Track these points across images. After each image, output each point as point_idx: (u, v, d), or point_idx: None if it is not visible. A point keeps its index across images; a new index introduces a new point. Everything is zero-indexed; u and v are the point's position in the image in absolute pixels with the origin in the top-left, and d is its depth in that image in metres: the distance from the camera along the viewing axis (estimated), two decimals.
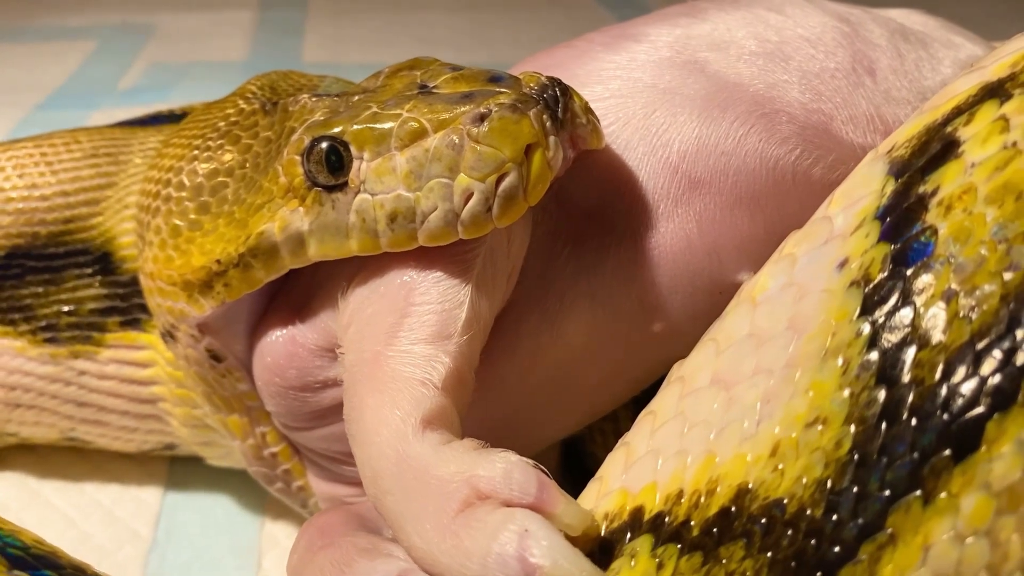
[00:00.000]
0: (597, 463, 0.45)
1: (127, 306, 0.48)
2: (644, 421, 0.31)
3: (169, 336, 0.42)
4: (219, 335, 0.40)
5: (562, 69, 0.40)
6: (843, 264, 0.27)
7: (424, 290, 0.34)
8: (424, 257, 0.34)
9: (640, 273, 0.38)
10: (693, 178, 0.38)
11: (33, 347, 0.49)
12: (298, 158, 0.35)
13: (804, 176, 0.38)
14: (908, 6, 0.47)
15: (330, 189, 0.35)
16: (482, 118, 0.32)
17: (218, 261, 0.37)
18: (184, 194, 0.39)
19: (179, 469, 0.54)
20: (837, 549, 0.24)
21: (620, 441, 0.32)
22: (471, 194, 0.32)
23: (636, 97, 0.39)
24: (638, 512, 0.29)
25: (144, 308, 0.47)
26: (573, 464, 0.48)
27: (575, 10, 1.25)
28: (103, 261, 0.49)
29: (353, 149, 0.34)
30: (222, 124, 0.40)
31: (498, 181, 0.32)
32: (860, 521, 0.24)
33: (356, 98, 0.36)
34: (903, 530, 0.23)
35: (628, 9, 1.24)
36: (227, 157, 0.38)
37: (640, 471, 0.30)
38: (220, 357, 0.41)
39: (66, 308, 0.49)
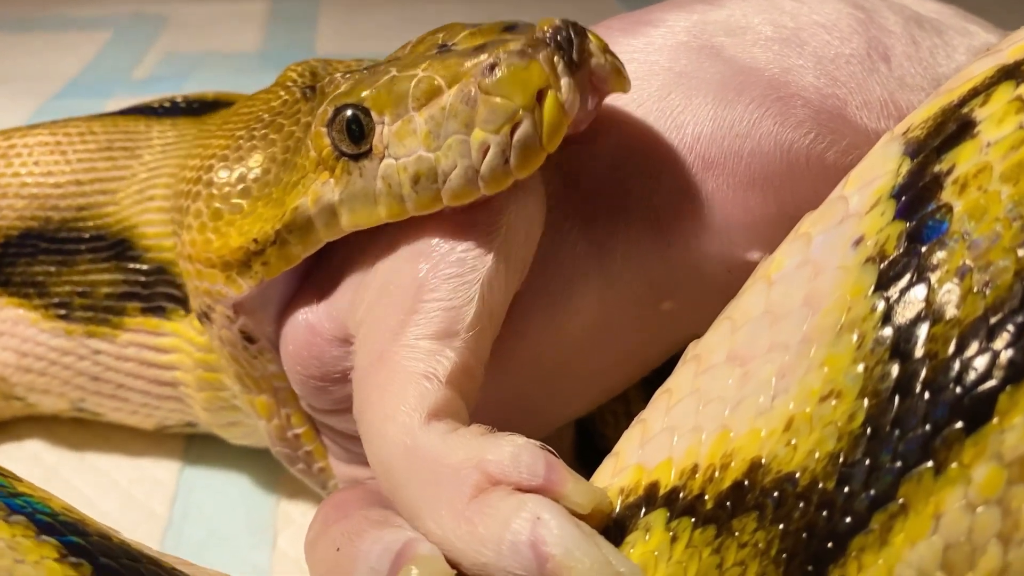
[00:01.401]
0: (609, 444, 0.45)
1: (149, 293, 0.49)
2: (660, 399, 0.32)
3: (205, 317, 0.43)
4: (253, 315, 0.41)
5: None
6: (859, 241, 0.27)
7: (434, 286, 0.34)
8: (436, 252, 0.34)
9: (651, 253, 0.38)
10: (707, 159, 0.38)
11: (46, 320, 0.50)
12: (324, 129, 0.35)
13: (818, 159, 0.39)
14: None
15: (356, 158, 0.35)
16: (492, 67, 0.32)
17: (255, 240, 0.38)
18: (228, 179, 0.39)
19: (195, 449, 0.55)
20: (849, 519, 0.25)
21: (636, 418, 0.32)
22: (488, 148, 0.32)
23: (652, 79, 0.39)
24: (653, 487, 0.29)
25: (170, 297, 0.48)
26: (585, 445, 0.49)
27: (588, 1, 1.25)
28: (119, 248, 0.50)
29: (374, 114, 0.34)
30: (266, 116, 0.40)
31: (513, 131, 0.32)
32: (872, 492, 0.24)
33: (381, 67, 0.37)
34: (915, 499, 0.24)
35: (641, 1, 1.23)
36: (271, 149, 0.39)
37: (656, 447, 0.30)
38: (253, 338, 0.42)
39: (79, 290, 0.50)
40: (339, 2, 1.35)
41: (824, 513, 0.25)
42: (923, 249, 0.26)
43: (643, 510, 0.28)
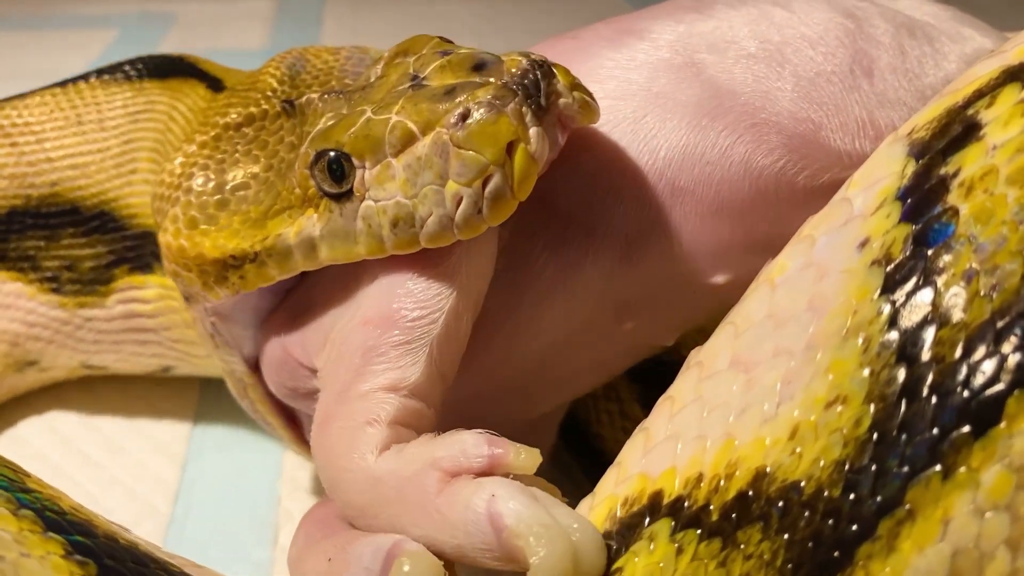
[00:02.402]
0: (603, 443, 0.47)
1: (135, 255, 0.51)
2: (663, 406, 0.31)
3: (186, 299, 0.44)
4: (226, 321, 0.42)
5: (563, 59, 0.40)
6: (864, 244, 0.27)
7: (382, 352, 0.35)
8: (396, 294, 0.35)
9: (617, 277, 0.39)
10: (677, 185, 0.38)
11: (42, 294, 0.53)
12: (307, 171, 0.36)
13: (787, 185, 0.39)
14: None
15: (338, 197, 0.36)
16: (464, 118, 0.32)
17: (233, 256, 0.38)
18: (207, 189, 0.40)
19: (197, 448, 0.56)
20: (855, 527, 0.24)
21: (639, 427, 0.32)
22: (461, 199, 0.33)
23: (629, 100, 0.39)
24: (657, 496, 0.29)
25: (157, 255, 0.50)
26: (580, 446, 0.49)
27: (595, 1, 1.26)
28: (99, 220, 0.52)
29: (354, 159, 0.35)
30: (249, 129, 0.41)
31: (484, 184, 0.32)
32: (879, 498, 0.24)
33: (356, 95, 0.37)
34: (922, 505, 0.23)
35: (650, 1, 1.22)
36: (254, 166, 0.39)
37: (659, 456, 0.30)
38: (219, 334, 0.43)
39: (66, 264, 0.53)
40: (344, 1, 1.36)
41: (830, 521, 0.24)
42: (929, 252, 0.26)
43: (647, 519, 0.28)
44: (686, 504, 0.27)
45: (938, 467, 0.23)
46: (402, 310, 0.35)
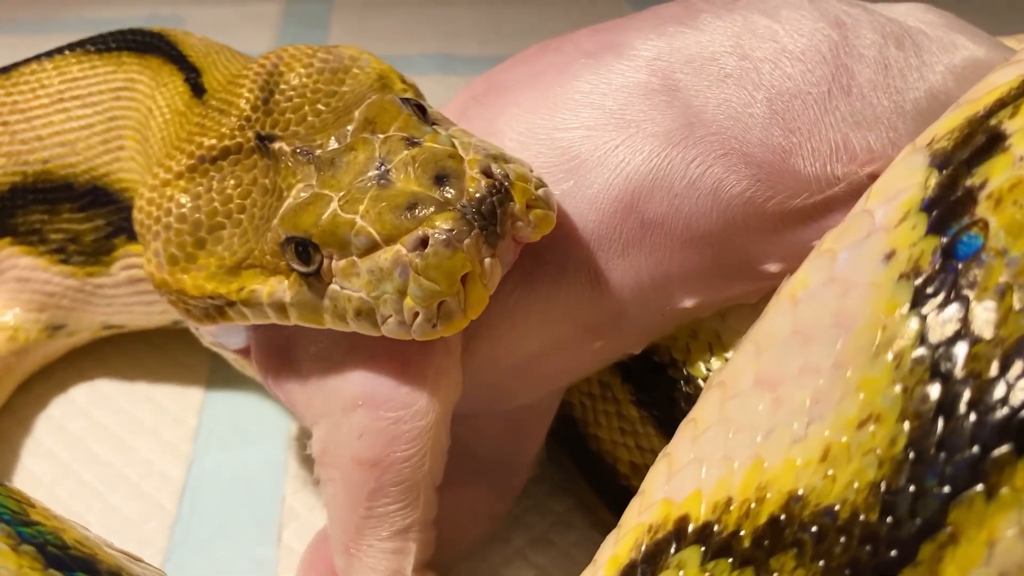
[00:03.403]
0: (600, 445, 0.47)
1: (132, 225, 0.50)
2: (685, 429, 0.30)
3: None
4: (214, 335, 0.45)
5: (541, 79, 0.42)
6: (889, 256, 0.26)
7: (385, 492, 0.38)
8: (382, 455, 0.38)
9: (589, 305, 0.40)
10: (646, 218, 0.39)
11: (53, 265, 0.55)
12: (278, 248, 0.38)
13: (756, 214, 0.39)
14: None
15: (307, 275, 0.37)
16: (423, 243, 0.34)
17: (211, 296, 0.40)
18: (184, 227, 0.41)
19: (202, 447, 0.56)
20: (894, 552, 0.23)
21: (661, 453, 0.31)
22: (417, 313, 0.35)
23: (601, 131, 0.39)
24: (683, 521, 0.28)
25: None
26: (576, 447, 0.49)
27: (598, 4, 1.25)
28: (92, 196, 0.54)
29: (322, 249, 0.37)
30: (225, 164, 0.41)
31: (439, 306, 0.35)
32: (918, 521, 0.23)
33: (325, 170, 0.38)
34: (966, 526, 0.22)
35: (651, 2, 1.22)
36: (228, 205, 0.40)
37: (683, 480, 0.29)
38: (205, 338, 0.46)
39: (70, 236, 0.55)
40: (351, 5, 1.36)
41: (868, 547, 0.24)
42: (960, 266, 0.25)
43: (674, 546, 0.27)
44: (715, 529, 0.26)
45: (981, 486, 0.22)
46: (394, 453, 0.37)
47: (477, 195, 0.35)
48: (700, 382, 0.42)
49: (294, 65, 0.44)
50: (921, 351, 0.25)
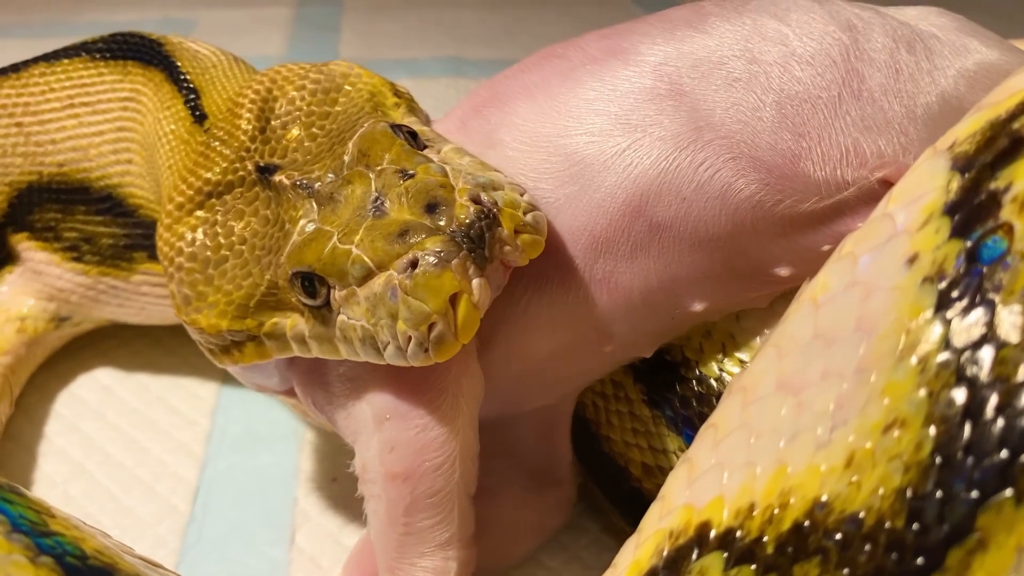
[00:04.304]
0: (611, 445, 0.47)
1: (152, 243, 0.50)
2: (705, 434, 0.30)
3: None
4: (246, 372, 0.44)
5: (545, 87, 0.42)
6: (912, 260, 0.26)
7: (417, 485, 0.38)
8: (409, 435, 0.38)
9: (599, 308, 0.40)
10: (654, 222, 0.39)
11: (66, 262, 0.57)
12: (288, 285, 0.39)
13: (765, 218, 0.39)
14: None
15: (318, 308, 0.38)
16: (413, 265, 0.35)
17: (229, 331, 0.41)
18: (194, 265, 0.41)
19: (215, 448, 0.57)
20: (921, 560, 0.23)
21: (681, 458, 0.31)
22: (410, 338, 0.35)
23: (607, 136, 0.39)
24: (705, 527, 0.28)
25: None
26: (587, 449, 0.49)
27: (608, 7, 1.25)
28: (109, 203, 0.55)
29: (327, 279, 0.37)
30: (229, 198, 0.42)
31: (430, 329, 0.35)
32: (946, 526, 0.23)
33: (326, 205, 0.38)
34: (995, 532, 0.22)
35: (661, 5, 1.21)
36: (232, 236, 0.41)
37: (705, 485, 0.29)
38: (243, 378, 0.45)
39: (84, 236, 0.56)
40: (362, 8, 1.37)
41: (893, 555, 0.23)
42: (984, 269, 0.25)
43: (695, 552, 0.27)
44: (738, 535, 0.26)
45: (1010, 491, 0.22)
46: (424, 462, 0.38)
47: (466, 220, 0.36)
48: (712, 382, 0.42)
49: (287, 88, 0.44)
50: (946, 355, 0.24)
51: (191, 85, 0.51)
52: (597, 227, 0.39)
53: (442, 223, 0.36)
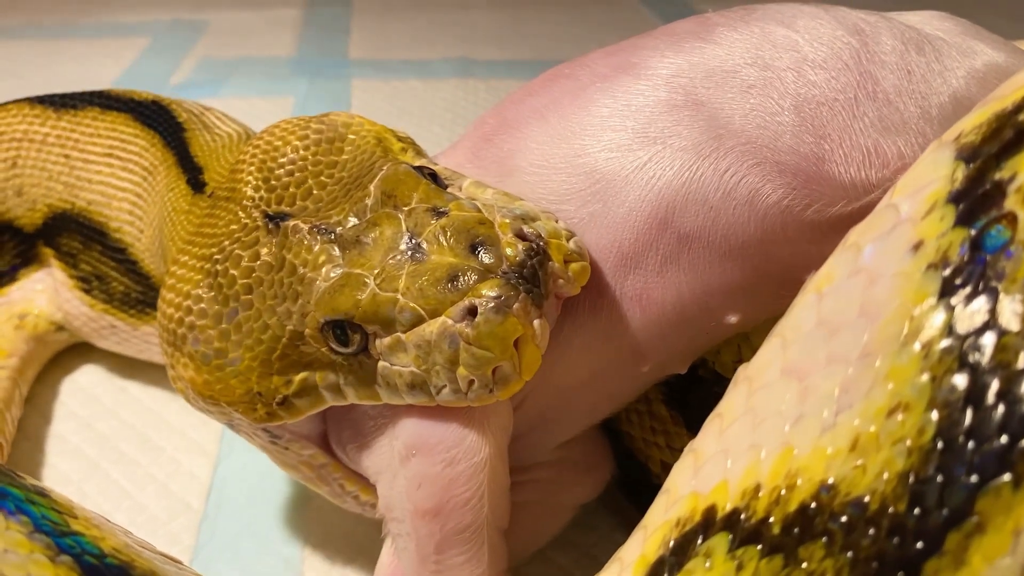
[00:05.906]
0: (632, 442, 0.47)
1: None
2: (711, 424, 0.30)
3: (230, 427, 0.44)
4: (274, 431, 0.42)
5: (556, 108, 0.41)
6: (917, 247, 0.27)
7: (446, 522, 0.37)
8: (444, 506, 0.37)
9: (632, 326, 0.39)
10: (682, 233, 0.38)
11: (77, 289, 0.59)
12: (319, 334, 0.37)
13: (794, 222, 0.38)
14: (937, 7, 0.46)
15: (352, 354, 0.37)
16: (471, 313, 0.34)
17: (259, 393, 0.39)
18: (206, 322, 0.40)
19: (228, 447, 0.57)
20: (921, 543, 0.23)
21: (687, 448, 0.31)
22: (472, 381, 0.35)
23: (626, 151, 0.39)
24: (710, 511, 0.28)
25: None
26: (610, 444, 0.49)
27: (616, 8, 1.26)
28: (122, 255, 0.56)
29: (366, 327, 0.36)
30: (227, 243, 0.41)
31: (494, 371, 0.35)
32: (945, 510, 0.23)
33: (351, 248, 0.37)
34: (992, 515, 0.22)
35: (669, 7, 1.23)
36: (235, 286, 0.39)
37: (710, 472, 0.29)
38: (277, 436, 0.42)
39: (97, 273, 0.58)
40: (371, 9, 1.37)
41: (895, 539, 0.24)
42: (988, 257, 0.25)
43: (701, 536, 0.27)
44: (743, 516, 0.26)
45: (1008, 476, 0.22)
46: (453, 498, 0.37)
47: (517, 259, 0.35)
48: (728, 382, 0.42)
49: (289, 139, 0.43)
50: (949, 341, 0.25)
51: (196, 164, 0.51)
52: (625, 243, 0.38)
53: (491, 263, 0.35)
